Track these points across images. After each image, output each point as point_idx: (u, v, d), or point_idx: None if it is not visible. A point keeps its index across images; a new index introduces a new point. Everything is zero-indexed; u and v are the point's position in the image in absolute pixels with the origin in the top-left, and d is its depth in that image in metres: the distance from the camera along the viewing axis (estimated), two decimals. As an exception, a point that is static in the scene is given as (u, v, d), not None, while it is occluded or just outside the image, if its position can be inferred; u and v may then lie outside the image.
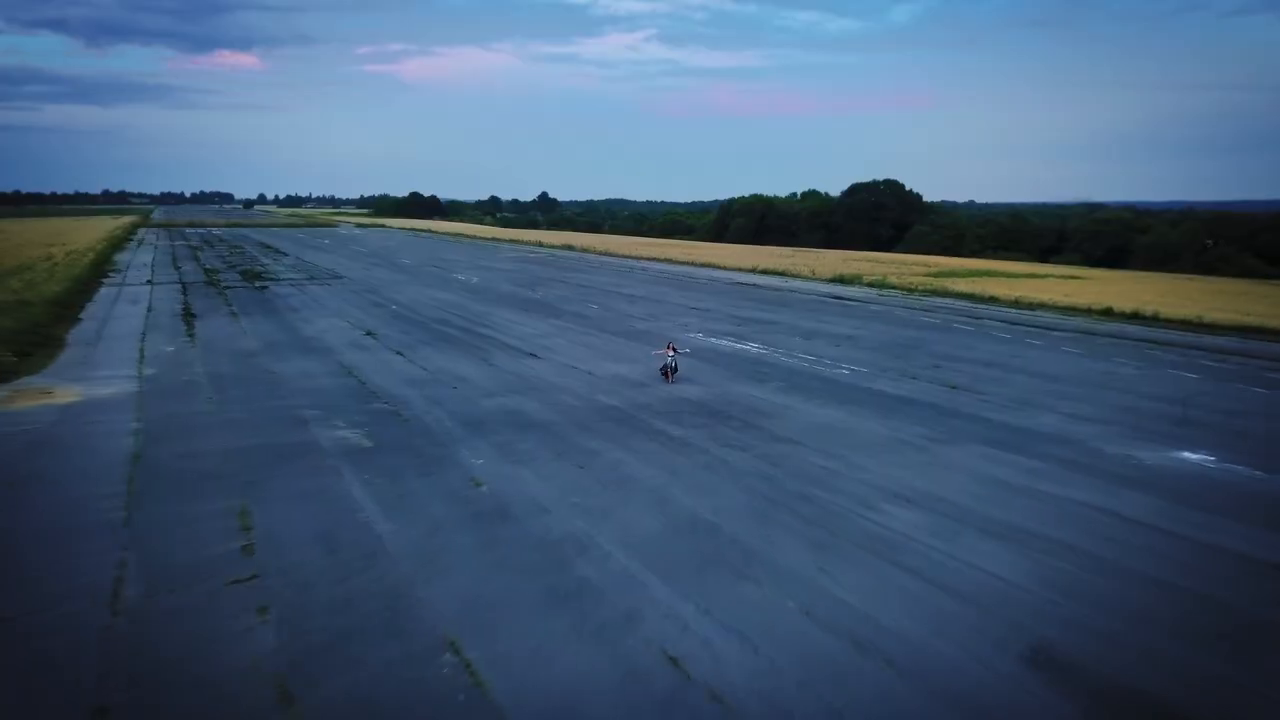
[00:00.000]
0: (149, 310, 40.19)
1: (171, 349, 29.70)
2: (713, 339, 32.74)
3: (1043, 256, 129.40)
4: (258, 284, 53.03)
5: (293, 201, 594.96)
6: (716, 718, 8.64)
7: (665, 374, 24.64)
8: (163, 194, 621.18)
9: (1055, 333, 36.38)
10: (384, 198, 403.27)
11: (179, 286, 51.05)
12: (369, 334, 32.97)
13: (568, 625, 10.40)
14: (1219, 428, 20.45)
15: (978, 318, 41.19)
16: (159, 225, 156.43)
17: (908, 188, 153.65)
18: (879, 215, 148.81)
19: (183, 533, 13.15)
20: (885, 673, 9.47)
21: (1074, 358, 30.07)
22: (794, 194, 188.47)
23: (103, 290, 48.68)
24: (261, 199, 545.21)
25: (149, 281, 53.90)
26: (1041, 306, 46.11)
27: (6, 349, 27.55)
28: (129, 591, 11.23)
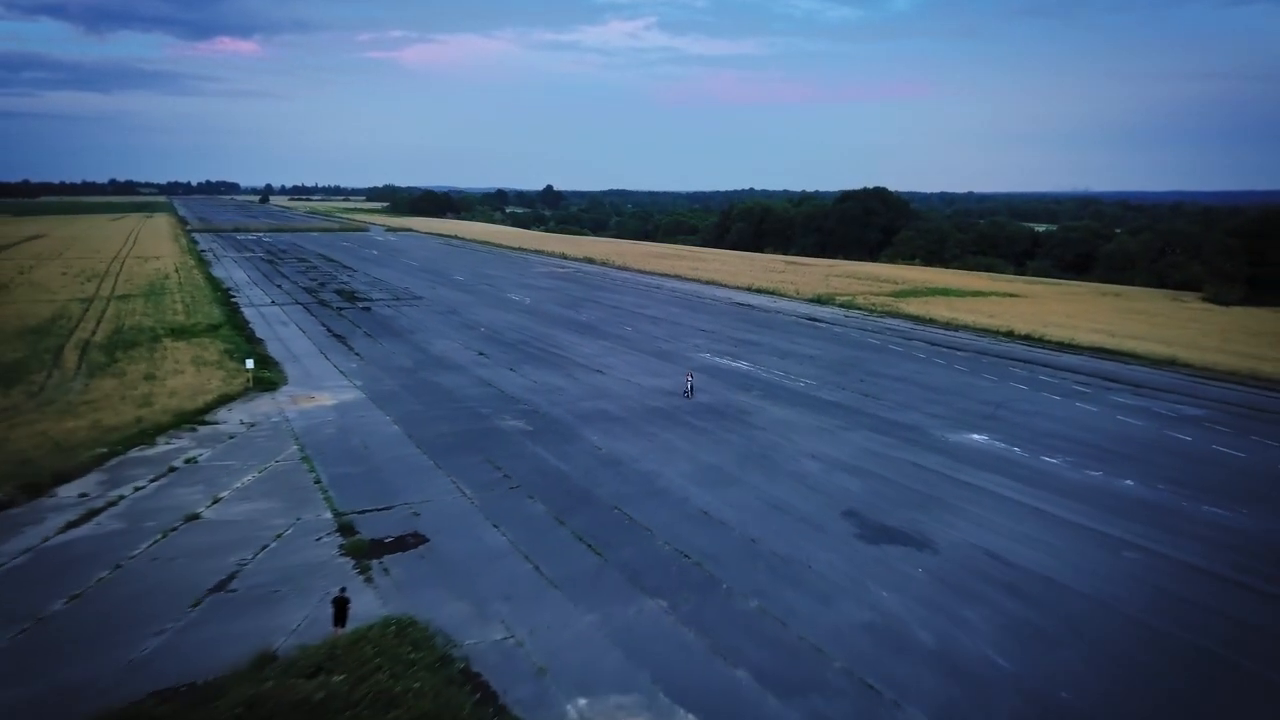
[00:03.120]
0: (302, 331, 54.98)
1: (354, 365, 44.49)
2: (716, 359, 47.57)
3: (1018, 260, 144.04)
4: (360, 304, 67.96)
5: (300, 192, 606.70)
6: (722, 530, 23.46)
7: (686, 393, 39.05)
8: (169, 183, 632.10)
9: (960, 353, 51.18)
10: (391, 189, 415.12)
11: (299, 308, 65.90)
12: (481, 354, 47.75)
13: (658, 503, 25.29)
14: (1008, 421, 35.28)
15: (910, 339, 56.05)
16: (203, 230, 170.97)
17: (896, 191, 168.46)
18: (869, 221, 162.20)
19: (470, 471, 27.98)
20: (784, 516, 24.36)
21: (958, 374, 44.88)
22: (790, 197, 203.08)
23: (245, 312, 63.41)
24: (269, 189, 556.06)
25: (273, 302, 68.78)
26: (965, 328, 60.87)
27: (258, 367, 42.28)
28: (467, 492, 26.06)
